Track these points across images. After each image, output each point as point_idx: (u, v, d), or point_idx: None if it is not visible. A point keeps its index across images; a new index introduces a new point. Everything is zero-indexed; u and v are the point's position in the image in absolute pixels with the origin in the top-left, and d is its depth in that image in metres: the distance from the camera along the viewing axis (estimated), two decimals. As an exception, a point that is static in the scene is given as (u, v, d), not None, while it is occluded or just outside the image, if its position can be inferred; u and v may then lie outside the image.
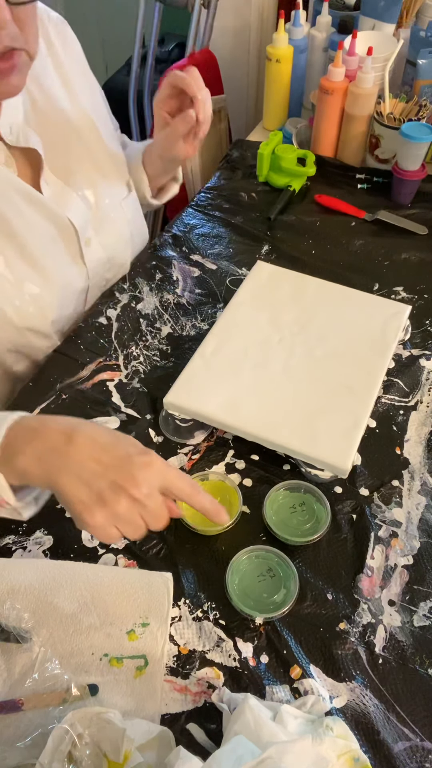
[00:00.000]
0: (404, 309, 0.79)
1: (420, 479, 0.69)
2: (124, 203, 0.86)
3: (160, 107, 0.80)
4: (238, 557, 0.60)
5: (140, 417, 0.74)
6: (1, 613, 0.56)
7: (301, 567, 0.61)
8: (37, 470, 0.51)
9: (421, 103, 1.06)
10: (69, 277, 0.80)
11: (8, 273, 0.70)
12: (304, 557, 0.62)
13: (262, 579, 0.60)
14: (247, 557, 0.61)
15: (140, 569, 0.61)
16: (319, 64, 1.23)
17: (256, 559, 0.61)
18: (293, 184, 1.06)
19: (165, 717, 0.53)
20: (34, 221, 0.71)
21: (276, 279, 0.84)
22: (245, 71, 1.72)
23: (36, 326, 0.76)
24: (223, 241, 0.99)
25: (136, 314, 0.87)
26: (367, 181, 1.10)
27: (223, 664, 0.56)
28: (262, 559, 0.60)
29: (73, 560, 0.61)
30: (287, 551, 0.61)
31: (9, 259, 0.70)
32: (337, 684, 0.55)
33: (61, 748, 0.46)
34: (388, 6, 1.13)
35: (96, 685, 0.53)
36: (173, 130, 0.79)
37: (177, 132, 0.78)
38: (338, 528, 0.65)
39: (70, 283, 0.80)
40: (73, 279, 0.81)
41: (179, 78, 0.74)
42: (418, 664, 0.56)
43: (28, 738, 0.50)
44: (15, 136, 0.68)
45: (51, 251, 0.75)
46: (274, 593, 0.59)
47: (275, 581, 0.59)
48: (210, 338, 0.76)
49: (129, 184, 0.87)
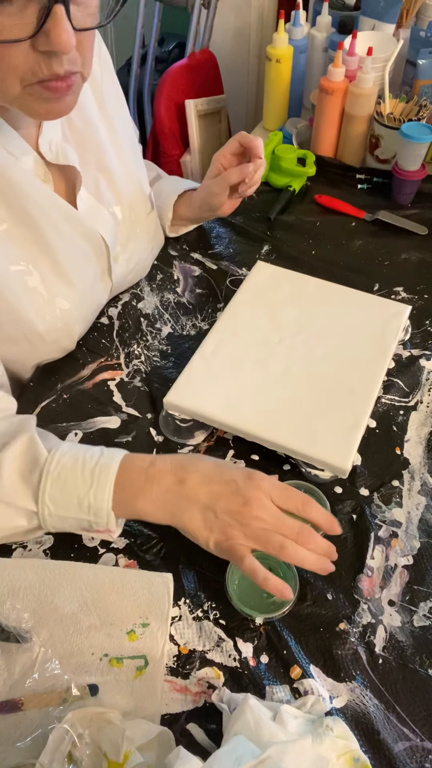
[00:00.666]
0: (404, 309, 0.79)
1: (420, 479, 0.69)
2: (147, 219, 0.86)
3: (220, 159, 0.85)
4: None
5: (141, 416, 0.74)
6: (1, 613, 0.56)
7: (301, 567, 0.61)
8: (159, 512, 0.58)
9: (421, 103, 1.06)
10: (96, 293, 0.80)
11: (42, 289, 0.70)
12: (304, 557, 0.62)
13: None
14: None
15: (140, 569, 0.61)
16: (319, 64, 1.23)
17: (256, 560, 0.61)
18: (293, 184, 1.06)
19: (165, 717, 0.53)
20: (70, 237, 0.71)
21: (276, 279, 0.84)
22: (245, 71, 1.72)
23: (62, 341, 0.76)
24: (223, 240, 0.99)
25: (137, 313, 0.87)
26: (367, 181, 1.10)
27: (223, 664, 0.56)
28: (262, 559, 0.60)
29: (74, 560, 0.61)
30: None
31: (44, 274, 0.70)
32: (337, 684, 0.55)
33: (61, 748, 0.46)
34: (388, 6, 1.13)
35: (96, 685, 0.53)
36: (225, 177, 0.83)
37: (228, 180, 0.83)
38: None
39: (96, 298, 0.81)
40: (99, 295, 0.81)
41: (249, 138, 0.81)
42: (418, 664, 0.56)
43: (28, 738, 0.50)
44: (54, 154, 0.69)
45: (83, 267, 0.75)
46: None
47: None
48: (210, 338, 0.76)
49: (151, 198, 0.88)
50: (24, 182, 0.65)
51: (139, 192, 0.84)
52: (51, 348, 0.76)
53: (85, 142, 0.74)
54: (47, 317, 0.71)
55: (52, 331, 0.73)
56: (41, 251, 0.69)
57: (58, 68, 0.52)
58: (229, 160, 0.85)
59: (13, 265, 0.67)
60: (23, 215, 0.66)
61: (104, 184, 0.77)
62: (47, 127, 0.68)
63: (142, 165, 0.88)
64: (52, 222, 0.68)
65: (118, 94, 0.82)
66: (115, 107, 0.80)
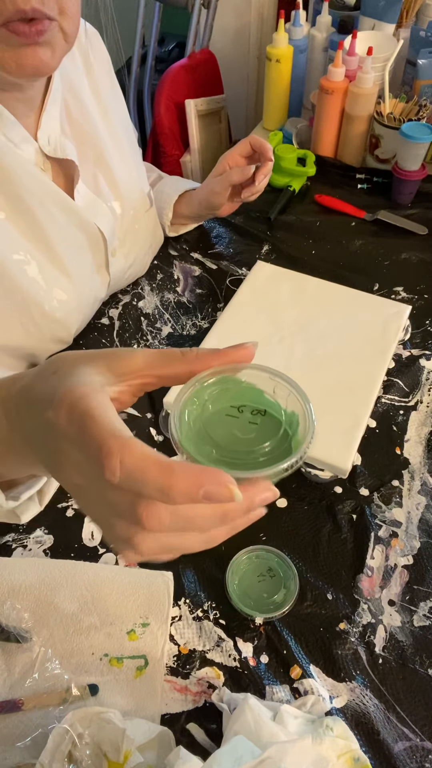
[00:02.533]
0: (404, 309, 0.79)
1: (420, 479, 0.69)
2: (146, 215, 0.86)
3: (228, 159, 0.85)
4: (238, 557, 0.60)
5: (140, 416, 0.74)
6: (1, 613, 0.56)
7: (301, 567, 0.61)
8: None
9: (421, 103, 1.06)
10: (93, 286, 0.80)
11: (40, 278, 0.70)
12: (304, 557, 0.62)
13: (262, 579, 0.60)
14: (247, 557, 0.61)
15: (140, 569, 0.61)
16: (319, 64, 1.23)
17: (256, 559, 0.61)
18: (293, 184, 1.06)
19: (165, 717, 0.53)
20: (66, 228, 0.72)
21: (276, 279, 0.84)
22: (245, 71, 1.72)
23: (59, 333, 0.76)
24: (224, 240, 0.99)
25: (138, 313, 0.87)
26: (367, 181, 1.10)
27: (223, 664, 0.56)
28: (262, 559, 0.60)
29: (74, 559, 0.61)
30: (288, 551, 0.61)
31: (41, 263, 0.70)
32: (337, 684, 0.55)
33: (61, 748, 0.46)
34: (388, 6, 1.13)
35: (96, 685, 0.53)
36: (227, 176, 0.83)
37: (230, 179, 0.83)
38: (338, 528, 0.65)
39: (93, 292, 0.81)
40: (96, 289, 0.81)
41: (260, 141, 0.82)
42: (418, 664, 0.56)
43: (28, 738, 0.50)
44: (53, 147, 0.69)
45: (79, 259, 0.75)
46: (274, 593, 0.59)
47: (275, 581, 0.59)
48: (210, 338, 0.76)
49: (150, 195, 0.88)
50: (21, 170, 0.65)
51: (137, 188, 0.84)
52: (48, 340, 0.76)
53: (83, 138, 0.74)
54: (45, 307, 0.71)
55: (51, 322, 0.73)
56: (38, 241, 0.69)
57: (23, 3, 0.50)
58: (236, 161, 0.85)
59: (14, 254, 0.67)
60: (19, 203, 0.66)
61: (103, 179, 0.77)
62: (46, 121, 0.68)
63: (140, 162, 0.88)
64: (47, 211, 0.68)
65: (117, 94, 0.82)
66: (114, 105, 0.80)
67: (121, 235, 0.82)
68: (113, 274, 0.83)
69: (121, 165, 0.80)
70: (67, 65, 0.73)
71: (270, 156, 0.82)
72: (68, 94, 0.73)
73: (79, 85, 0.75)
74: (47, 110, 0.68)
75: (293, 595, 0.58)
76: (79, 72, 0.75)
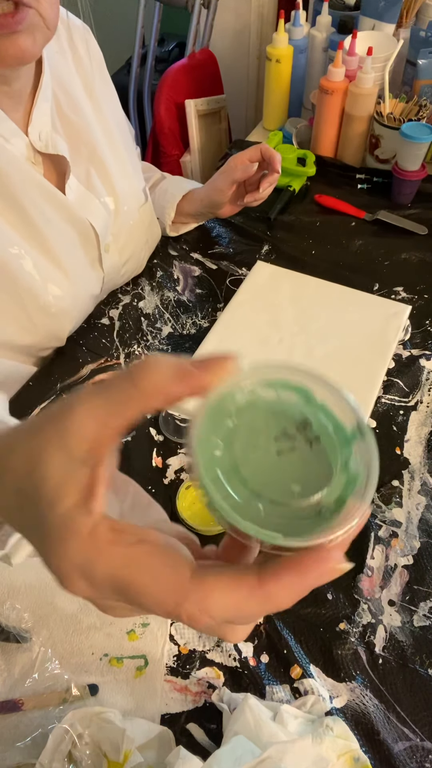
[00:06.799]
0: (404, 309, 0.79)
1: (420, 479, 0.69)
2: (141, 210, 0.86)
3: (236, 159, 0.85)
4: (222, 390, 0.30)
5: (140, 417, 0.74)
6: (1, 613, 0.56)
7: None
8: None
9: (421, 103, 1.06)
10: (88, 281, 0.80)
11: (36, 273, 0.70)
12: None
13: (285, 450, 0.29)
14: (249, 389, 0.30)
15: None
16: (319, 64, 1.23)
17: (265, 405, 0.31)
18: (293, 184, 1.06)
19: (165, 717, 0.53)
20: (58, 224, 0.72)
21: (276, 279, 0.84)
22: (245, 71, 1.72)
23: (54, 328, 0.76)
24: (223, 240, 0.99)
25: (138, 313, 0.87)
26: (367, 181, 1.10)
27: (223, 664, 0.56)
28: (282, 402, 0.31)
29: (73, 560, 0.61)
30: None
31: (35, 258, 0.70)
32: (337, 684, 0.55)
33: (61, 748, 0.46)
34: (388, 6, 1.13)
35: (96, 685, 0.53)
36: (230, 173, 0.84)
37: (233, 176, 0.83)
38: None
39: (88, 288, 0.81)
40: (90, 284, 0.81)
41: (271, 152, 0.82)
42: (418, 664, 0.56)
43: (28, 738, 0.50)
44: (44, 143, 0.69)
45: (72, 255, 0.75)
46: (315, 484, 0.29)
47: (316, 454, 0.30)
48: (210, 338, 0.76)
49: (145, 191, 0.88)
50: (11, 165, 0.65)
51: (132, 184, 0.84)
52: (42, 336, 0.76)
53: (76, 134, 0.74)
54: (40, 302, 0.71)
55: (46, 317, 0.73)
56: (31, 236, 0.69)
57: None
58: (244, 163, 0.85)
59: (10, 248, 0.67)
60: (10, 199, 0.66)
61: (95, 174, 0.77)
62: (37, 117, 0.68)
63: (136, 158, 0.88)
64: (38, 206, 0.68)
65: (111, 91, 0.82)
66: (107, 101, 0.80)
67: (115, 230, 0.81)
68: (107, 269, 0.82)
69: (114, 160, 0.80)
70: (58, 61, 0.72)
71: (278, 168, 0.82)
72: (59, 90, 0.73)
73: (70, 81, 0.74)
74: (38, 105, 0.68)
75: (364, 487, 0.27)
76: (69, 68, 0.75)
